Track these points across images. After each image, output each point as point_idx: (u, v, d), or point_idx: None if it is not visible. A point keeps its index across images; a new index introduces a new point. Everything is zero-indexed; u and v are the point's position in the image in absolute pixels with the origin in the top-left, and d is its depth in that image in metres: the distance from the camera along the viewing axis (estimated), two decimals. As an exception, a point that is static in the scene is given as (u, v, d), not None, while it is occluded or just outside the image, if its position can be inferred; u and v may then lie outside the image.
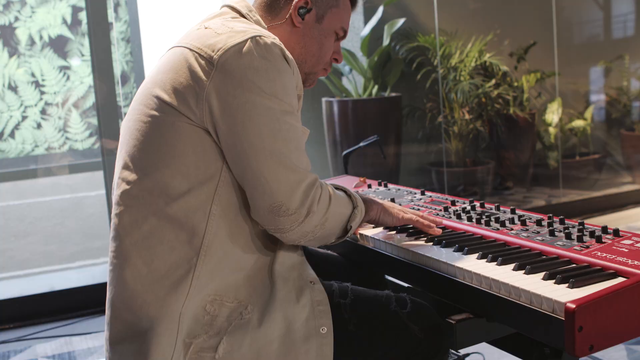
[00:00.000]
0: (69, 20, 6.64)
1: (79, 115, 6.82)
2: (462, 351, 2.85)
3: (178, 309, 1.40)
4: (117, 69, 4.83)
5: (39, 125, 6.61)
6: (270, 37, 1.44)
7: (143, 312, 1.42)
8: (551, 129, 5.77)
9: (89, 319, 3.65)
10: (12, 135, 6.55)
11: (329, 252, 2.00)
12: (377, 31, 5.11)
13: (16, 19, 6.48)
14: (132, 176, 1.47)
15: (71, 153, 6.81)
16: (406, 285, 2.11)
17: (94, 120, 6.54)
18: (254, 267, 1.48)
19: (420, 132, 5.52)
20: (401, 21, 5.06)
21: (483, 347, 2.91)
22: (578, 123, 5.97)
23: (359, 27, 5.41)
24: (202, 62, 1.41)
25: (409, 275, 1.63)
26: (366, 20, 5.32)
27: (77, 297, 3.79)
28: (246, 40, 1.41)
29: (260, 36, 1.42)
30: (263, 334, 1.41)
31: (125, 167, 1.49)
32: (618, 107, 6.47)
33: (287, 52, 1.46)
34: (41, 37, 6.58)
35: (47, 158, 6.73)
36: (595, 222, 5.01)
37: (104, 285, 3.86)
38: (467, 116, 5.39)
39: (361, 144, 2.79)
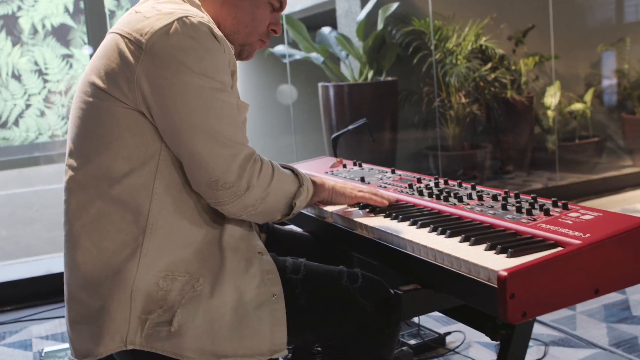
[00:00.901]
0: (70, 8, 6.69)
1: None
2: (443, 329, 2.89)
3: (129, 286, 1.44)
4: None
5: (42, 113, 6.68)
6: (197, 17, 1.46)
7: (95, 292, 1.47)
8: (549, 112, 5.76)
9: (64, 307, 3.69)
10: (16, 123, 6.61)
11: (295, 229, 2.03)
12: (372, 16, 5.13)
13: (19, 8, 6.53)
14: (76, 162, 1.51)
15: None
16: (375, 262, 2.15)
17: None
18: (204, 241, 1.52)
19: (417, 117, 5.53)
20: (395, 5, 5.07)
21: (465, 325, 2.94)
22: (577, 106, 5.96)
23: (356, 12, 5.43)
24: (132, 47, 1.44)
25: (365, 249, 1.66)
26: (362, 4, 5.33)
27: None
28: (173, 22, 1.43)
29: (186, 16, 1.44)
30: (215, 304, 1.45)
31: (70, 154, 1.54)
32: (618, 90, 6.44)
33: (216, 30, 1.48)
34: (44, 26, 6.63)
35: (51, 145, 6.80)
36: (593, 204, 5.02)
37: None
38: (463, 100, 5.39)
39: (350, 127, 2.81)
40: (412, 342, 2.73)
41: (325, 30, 5.37)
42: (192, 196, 1.51)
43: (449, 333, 2.86)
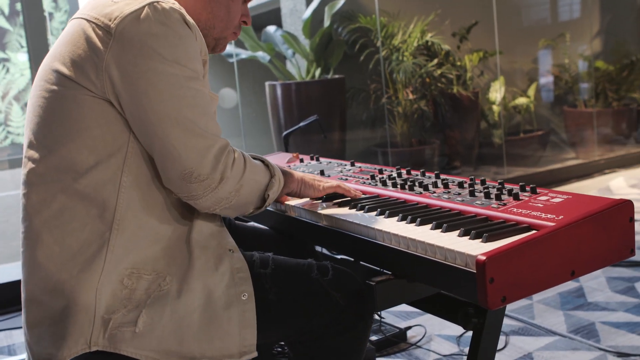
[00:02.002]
0: (6, 11, 6.46)
1: (20, 109, 6.65)
2: (404, 324, 2.87)
3: (94, 285, 1.36)
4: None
5: (-23, 119, 6.44)
6: (168, 3, 1.39)
7: (58, 292, 1.38)
8: (495, 107, 5.84)
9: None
10: (-49, 130, 6.36)
11: (257, 225, 1.98)
12: (319, 14, 5.10)
13: (-49, 11, 6.29)
14: (37, 154, 1.42)
15: (13, 147, 6.65)
16: (338, 256, 2.11)
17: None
18: (172, 238, 1.44)
19: (365, 114, 5.53)
20: (341, 2, 5.05)
21: (425, 319, 2.93)
22: (521, 101, 6.05)
23: (301, 10, 5.39)
24: (100, 32, 1.36)
25: (332, 241, 1.62)
26: (308, 3, 5.30)
27: (18, 290, 3.71)
28: (143, 7, 1.36)
29: (157, 2, 1.38)
30: (183, 304, 1.39)
31: (30, 145, 1.44)
32: (560, 84, 6.58)
33: (188, 17, 1.42)
34: (-23, 29, 6.39)
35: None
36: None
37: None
38: (411, 96, 5.41)
39: (301, 124, 2.77)
40: (374, 337, 2.70)
41: (271, 29, 5.31)
42: (161, 191, 1.44)
43: (409, 327, 2.84)
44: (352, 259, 2.11)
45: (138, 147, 1.41)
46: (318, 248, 2.13)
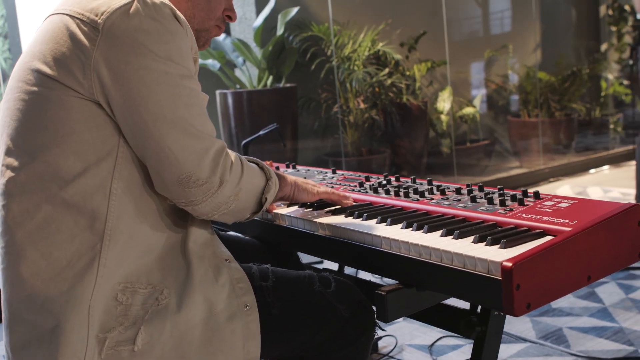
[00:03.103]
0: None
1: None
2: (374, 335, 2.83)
3: (86, 301, 1.26)
4: (-5, 66, 4.53)
5: None
6: None
7: (46, 310, 1.26)
8: (443, 117, 5.89)
9: None
10: None
11: (240, 235, 1.90)
12: (270, 21, 5.05)
13: None
14: (16, 161, 1.30)
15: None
16: (320, 267, 2.06)
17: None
18: (165, 247, 1.36)
19: (317, 123, 5.50)
20: (295, 10, 5.01)
21: (395, 328, 2.90)
22: (468, 110, 6.13)
23: (251, 18, 5.33)
24: (85, 28, 1.26)
25: (332, 251, 1.56)
26: (258, 10, 5.25)
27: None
28: (132, 1, 1.27)
29: None
30: (184, 318, 1.30)
31: (8, 152, 1.32)
32: (504, 94, 6.70)
33: (178, 12, 1.33)
34: None
35: None
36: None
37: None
38: (362, 105, 5.41)
39: (261, 133, 2.72)
40: (347, 349, 2.65)
41: (220, 36, 5.23)
42: (153, 198, 1.34)
43: (380, 338, 2.81)
44: (336, 268, 2.06)
45: (128, 151, 1.31)
46: (302, 258, 2.07)
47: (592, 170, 6.55)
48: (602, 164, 6.72)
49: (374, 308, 1.41)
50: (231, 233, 1.96)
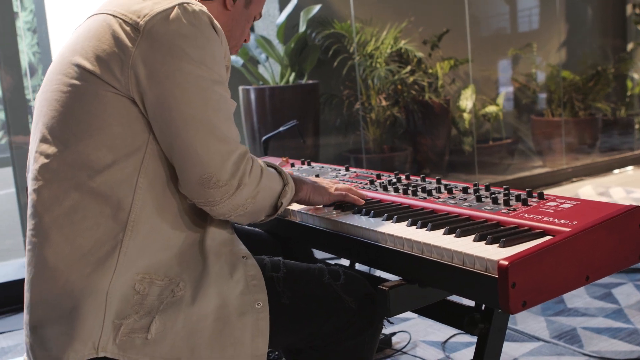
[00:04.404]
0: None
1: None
2: (388, 330, 2.87)
3: (104, 287, 1.32)
4: (24, 61, 4.62)
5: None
6: (198, 5, 1.38)
7: (66, 292, 1.33)
8: (465, 115, 5.89)
9: (2, 319, 3.47)
10: None
11: (253, 228, 1.95)
12: (293, 18, 5.09)
13: None
14: (51, 149, 1.37)
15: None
16: (333, 262, 2.10)
17: (1, 115, 6.25)
18: (184, 244, 1.41)
19: (338, 120, 5.53)
20: (317, 7, 5.05)
21: (410, 325, 2.93)
22: (490, 109, 6.12)
23: (274, 15, 5.37)
24: (127, 28, 1.34)
25: (339, 247, 1.60)
26: (281, 7, 5.29)
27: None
28: (173, 7, 1.35)
29: (188, 3, 1.36)
30: (197, 310, 1.35)
31: (44, 139, 1.40)
32: (527, 93, 6.68)
33: (215, 21, 1.40)
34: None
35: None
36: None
37: (15, 283, 3.66)
38: (383, 103, 5.43)
39: (281, 129, 2.76)
40: (360, 343, 2.69)
41: (244, 33, 5.28)
42: (175, 196, 1.41)
43: (394, 333, 2.84)
44: (347, 264, 2.10)
45: (156, 148, 1.37)
46: (316, 253, 2.11)
47: (616, 171, 6.50)
48: (627, 165, 6.67)
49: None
50: (245, 226, 2.01)
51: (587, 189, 5.71)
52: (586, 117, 6.54)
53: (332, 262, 2.09)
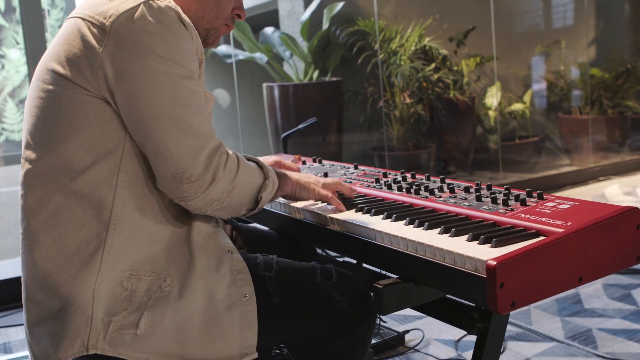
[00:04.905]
0: (2, 7, 6.44)
1: (15, 105, 6.62)
2: (402, 328, 2.87)
3: (90, 286, 1.35)
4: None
5: (-27, 117, 6.41)
6: (164, 1, 1.39)
7: (54, 292, 1.37)
8: (491, 113, 5.85)
9: (18, 312, 3.55)
10: (-55, 126, 6.33)
11: (261, 227, 1.98)
12: (317, 16, 5.10)
13: (-54, 6, 6.26)
14: (34, 154, 1.41)
15: (7, 144, 6.62)
16: (340, 259, 2.12)
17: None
18: (171, 239, 1.44)
19: (362, 117, 5.53)
20: (340, 5, 5.06)
21: (424, 323, 2.93)
22: (517, 106, 6.07)
23: (299, 12, 5.39)
24: (95, 30, 1.36)
25: (339, 244, 1.62)
26: (306, 5, 5.31)
27: (14, 288, 3.69)
28: (139, 5, 1.36)
29: (153, 0, 1.37)
30: (185, 305, 1.38)
31: (27, 146, 1.44)
32: (555, 90, 6.60)
33: (184, 16, 1.41)
34: (-27, 25, 6.36)
35: (-17, 150, 6.53)
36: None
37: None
38: (408, 100, 5.42)
39: (300, 126, 2.77)
40: (372, 341, 2.70)
41: (269, 30, 5.32)
42: (156, 192, 1.43)
43: (407, 331, 2.85)
44: (355, 262, 2.11)
45: (134, 147, 1.40)
46: (320, 251, 2.13)
47: (646, 170, 6.41)
48: (657, 164, 6.56)
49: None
50: (254, 224, 2.04)
51: (614, 188, 5.63)
52: (615, 115, 6.45)
53: (341, 259, 2.11)
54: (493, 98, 5.85)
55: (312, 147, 4.80)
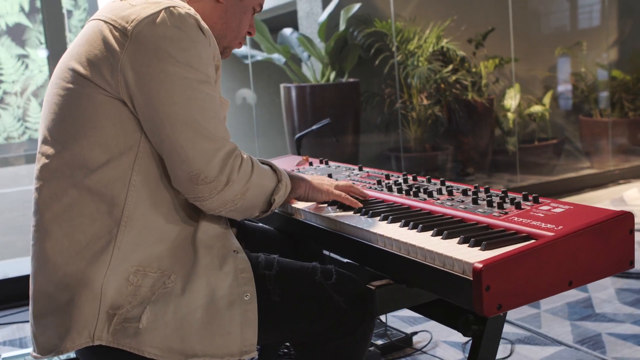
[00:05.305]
0: (26, 8, 6.54)
1: (38, 105, 6.72)
2: (410, 329, 2.88)
3: (100, 280, 1.39)
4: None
5: (-3, 115, 6.51)
6: (184, 8, 1.44)
7: (64, 285, 1.41)
8: (509, 115, 5.82)
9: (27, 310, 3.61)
10: (-30, 125, 6.45)
11: (265, 226, 2.00)
12: (334, 17, 5.12)
13: (-28, 7, 6.37)
14: (50, 150, 1.46)
15: (30, 142, 6.73)
16: (345, 260, 2.13)
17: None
18: (178, 238, 1.47)
19: (379, 118, 5.54)
20: (357, 6, 5.07)
21: (432, 325, 2.93)
22: (536, 108, 6.03)
23: (317, 14, 5.41)
24: (117, 33, 1.40)
25: (336, 245, 1.64)
26: (324, 5, 5.32)
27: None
28: (160, 11, 1.40)
29: (174, 7, 1.42)
30: (187, 301, 1.41)
31: (44, 141, 1.49)
32: (576, 93, 6.55)
33: (203, 23, 1.45)
34: (-2, 26, 6.47)
35: (6, 148, 6.63)
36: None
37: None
38: (425, 102, 5.41)
39: (313, 127, 2.79)
40: (379, 342, 2.71)
41: (287, 31, 5.34)
42: (169, 191, 1.47)
43: (415, 333, 2.85)
44: (357, 263, 2.13)
45: (149, 147, 1.44)
46: (326, 251, 2.14)
47: (668, 174, 6.33)
48: (679, 167, 6.48)
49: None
50: (260, 224, 2.06)
51: (633, 192, 5.58)
52: (636, 118, 6.38)
53: (345, 261, 2.12)
54: (512, 100, 5.82)
55: (328, 148, 4.81)
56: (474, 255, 1.27)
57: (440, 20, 5.49)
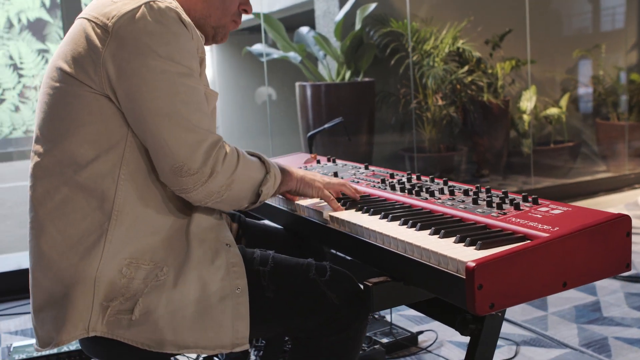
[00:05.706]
0: (47, 3, 6.62)
1: (57, 99, 6.79)
2: (416, 329, 2.89)
3: (92, 274, 1.43)
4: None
5: (16, 109, 6.59)
6: (165, 2, 1.45)
7: (58, 279, 1.45)
8: (525, 117, 5.80)
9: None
10: (-11, 118, 6.53)
11: (269, 223, 2.02)
12: (351, 16, 5.13)
13: (-6, 1, 6.45)
14: (42, 148, 1.49)
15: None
16: (349, 258, 2.15)
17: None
18: (171, 229, 1.50)
19: (394, 118, 5.54)
20: (373, 5, 5.07)
21: (438, 324, 2.94)
22: (553, 111, 6.00)
23: (334, 13, 5.43)
24: (98, 30, 1.43)
25: (336, 242, 1.65)
26: (341, 4, 5.34)
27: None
28: (140, 6, 1.42)
29: (154, 1, 1.43)
30: (179, 294, 1.44)
31: (36, 139, 1.52)
32: (593, 96, 6.51)
33: (184, 16, 1.47)
34: (19, 20, 6.55)
35: (25, 141, 6.72)
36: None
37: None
38: (440, 102, 5.41)
39: (325, 126, 2.80)
40: (385, 340, 2.73)
41: (304, 30, 5.36)
42: (157, 184, 1.50)
43: (421, 332, 2.86)
44: (358, 261, 2.14)
45: (136, 141, 1.47)
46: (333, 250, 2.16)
47: (685, 179, 6.27)
48: (697, 172, 6.42)
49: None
50: (264, 221, 2.08)
51: (648, 197, 5.54)
52: (654, 122, 6.33)
53: (349, 258, 2.14)
54: (528, 102, 5.80)
55: (342, 146, 4.83)
56: (468, 254, 1.28)
57: (457, 21, 5.49)
